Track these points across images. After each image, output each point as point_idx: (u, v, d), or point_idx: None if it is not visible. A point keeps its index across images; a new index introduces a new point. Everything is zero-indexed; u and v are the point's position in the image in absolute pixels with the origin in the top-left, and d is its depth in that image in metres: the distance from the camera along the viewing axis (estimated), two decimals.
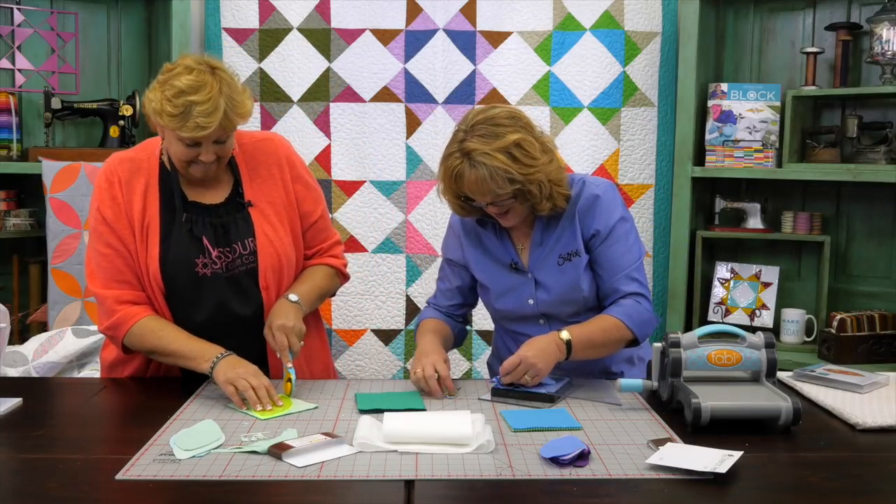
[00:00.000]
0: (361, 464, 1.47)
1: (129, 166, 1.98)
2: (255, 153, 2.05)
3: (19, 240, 3.32)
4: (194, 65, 1.84)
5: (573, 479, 1.42)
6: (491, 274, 2.09)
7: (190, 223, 1.95)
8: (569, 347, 1.88)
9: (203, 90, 1.80)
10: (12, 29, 3.29)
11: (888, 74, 3.05)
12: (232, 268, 1.97)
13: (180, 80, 1.80)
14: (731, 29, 3.44)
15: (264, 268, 1.98)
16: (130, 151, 2.05)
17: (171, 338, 1.92)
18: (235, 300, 1.98)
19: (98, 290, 1.96)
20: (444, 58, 3.35)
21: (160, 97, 1.81)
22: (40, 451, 1.55)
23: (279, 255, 2.00)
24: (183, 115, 1.79)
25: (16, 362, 2.67)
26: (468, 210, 2.03)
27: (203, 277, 1.95)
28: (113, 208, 1.95)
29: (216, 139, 1.87)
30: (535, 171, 1.89)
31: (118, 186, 1.96)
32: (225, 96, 1.82)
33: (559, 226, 2.02)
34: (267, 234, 2.00)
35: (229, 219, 1.99)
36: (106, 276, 1.95)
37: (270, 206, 2.03)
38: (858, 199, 3.29)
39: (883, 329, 3.06)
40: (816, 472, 1.47)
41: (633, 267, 2.00)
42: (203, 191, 2.00)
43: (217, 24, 3.37)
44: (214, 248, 1.95)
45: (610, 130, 3.39)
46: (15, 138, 3.21)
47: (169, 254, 1.94)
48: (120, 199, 1.95)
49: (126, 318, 1.93)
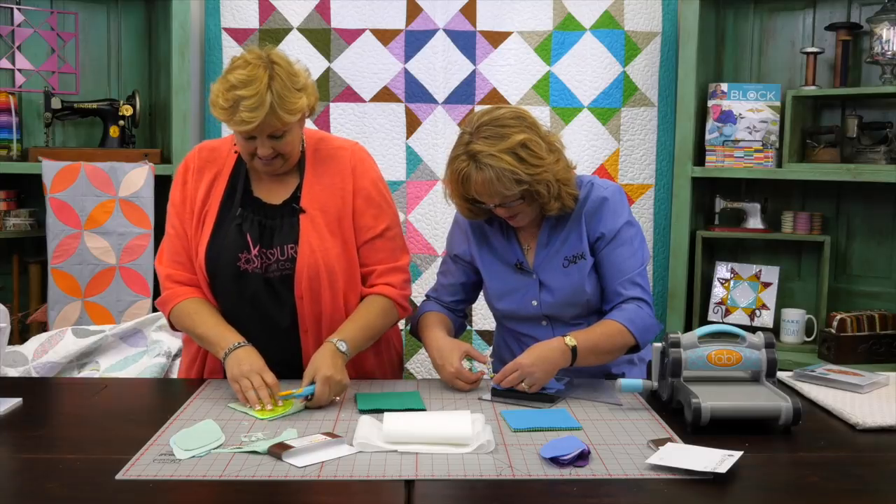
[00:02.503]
0: (361, 464, 1.47)
1: (208, 155, 2.05)
2: (327, 160, 2.04)
3: (19, 240, 3.32)
4: (253, 59, 1.85)
5: (573, 479, 1.42)
6: (495, 273, 2.08)
7: (241, 218, 1.97)
8: (574, 354, 1.88)
9: (252, 85, 1.81)
10: (12, 29, 3.29)
11: (888, 74, 3.05)
12: (268, 270, 1.97)
13: (234, 74, 1.83)
14: (731, 29, 3.44)
15: (300, 277, 1.95)
16: (217, 140, 2.12)
17: (201, 321, 1.95)
18: (271, 302, 1.97)
19: (158, 267, 2.05)
20: (444, 58, 3.35)
21: (217, 90, 1.86)
22: (40, 451, 1.55)
23: (319, 266, 1.95)
24: (231, 109, 1.82)
25: (16, 362, 2.67)
26: (477, 212, 2.02)
27: (244, 273, 1.96)
28: (182, 193, 2.03)
29: (270, 134, 1.87)
30: (542, 171, 1.88)
31: (191, 173, 2.03)
32: (274, 92, 1.82)
33: (566, 227, 2.02)
34: (311, 242, 1.96)
35: (278, 222, 1.99)
36: (167, 254, 2.03)
37: (323, 214, 1.99)
38: (858, 199, 3.29)
39: (883, 329, 3.06)
40: (816, 472, 1.47)
41: (636, 272, 1.99)
42: (269, 188, 2.02)
43: (217, 24, 3.37)
44: (255, 246, 1.96)
45: (610, 130, 3.39)
46: (15, 138, 3.21)
47: (215, 245, 1.97)
48: (189, 185, 2.03)
49: (172, 296, 2.00)
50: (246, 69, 1.83)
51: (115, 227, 3.12)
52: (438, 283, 2.21)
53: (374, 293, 2.02)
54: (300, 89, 1.88)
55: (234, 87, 1.81)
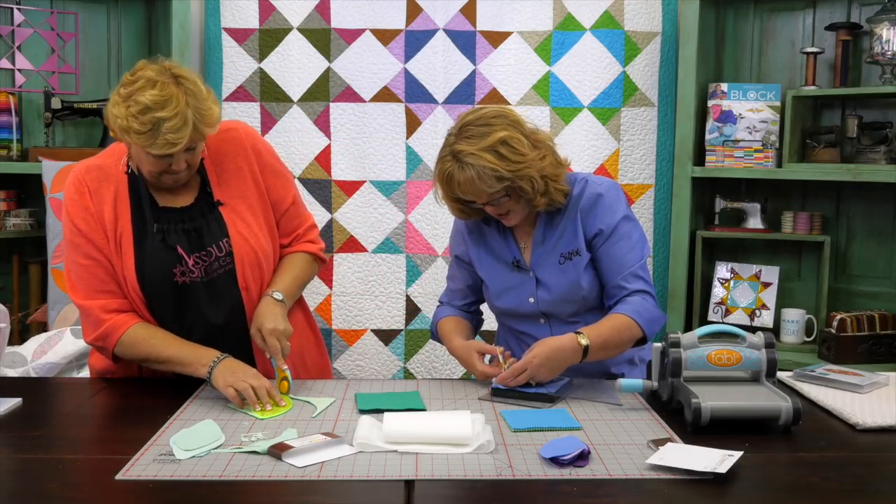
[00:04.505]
0: (361, 464, 1.47)
1: (98, 174, 1.94)
2: (220, 147, 1.98)
3: (19, 240, 3.32)
4: (156, 76, 1.76)
5: (573, 479, 1.42)
6: (492, 271, 2.09)
7: (162, 233, 1.90)
8: (585, 352, 1.88)
9: (169, 105, 1.73)
10: (12, 29, 3.29)
11: (888, 74, 3.05)
12: (210, 272, 1.93)
13: (144, 96, 1.73)
14: (731, 29, 3.44)
15: (242, 267, 1.94)
16: (97, 158, 1.99)
17: (165, 345, 1.89)
18: (214, 307, 1.94)
19: (82, 302, 1.92)
20: (444, 58, 3.35)
21: (125, 114, 1.74)
22: (40, 451, 1.55)
23: (256, 252, 1.96)
24: (151, 133, 1.73)
25: (15, 363, 2.67)
26: (468, 212, 2.04)
27: (183, 286, 1.92)
28: (86, 219, 1.91)
29: (187, 147, 1.82)
30: (523, 167, 1.89)
31: (88, 196, 1.91)
32: (192, 108, 1.76)
33: (561, 224, 2.02)
34: (241, 232, 1.95)
35: (201, 221, 1.94)
36: (88, 287, 1.91)
37: (242, 201, 1.98)
38: (858, 199, 3.29)
39: (883, 329, 3.06)
40: (816, 472, 1.47)
41: (637, 265, 1.99)
42: (172, 195, 1.95)
43: (217, 24, 3.37)
44: (189, 255, 1.91)
45: (610, 130, 3.39)
46: (15, 138, 3.21)
47: (145, 265, 1.89)
48: (91, 208, 1.91)
49: (115, 327, 1.90)
50: (156, 88, 1.74)
51: None
52: (448, 289, 2.23)
53: (295, 251, 2.08)
54: (209, 99, 1.82)
55: (150, 109, 1.72)
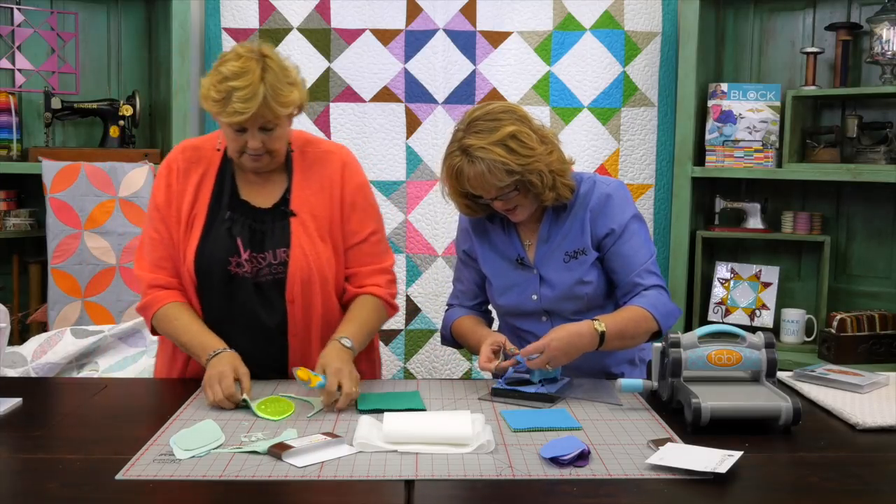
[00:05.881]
0: (361, 464, 1.47)
1: (191, 155, 2.01)
2: (315, 163, 2.03)
3: (19, 240, 3.32)
4: (244, 52, 1.85)
5: (573, 479, 1.42)
6: (496, 268, 2.09)
7: (230, 222, 1.96)
8: (602, 339, 1.88)
9: (245, 76, 1.81)
10: (12, 29, 3.29)
11: (888, 74, 3.05)
12: (259, 275, 1.95)
13: (226, 66, 1.83)
14: (731, 29, 3.44)
15: (293, 280, 1.95)
16: (198, 139, 2.08)
17: (184, 329, 1.93)
18: (259, 306, 1.96)
19: (138, 272, 2.01)
20: (444, 58, 3.35)
21: (208, 83, 1.85)
22: (40, 451, 1.55)
23: (311, 270, 1.96)
24: (224, 101, 1.82)
25: (15, 363, 2.67)
26: (475, 209, 2.04)
27: (235, 276, 1.95)
28: (167, 195, 1.99)
29: (261, 126, 1.87)
30: (532, 161, 1.90)
31: (175, 175, 1.99)
32: (267, 84, 1.82)
33: (567, 222, 2.03)
34: (303, 246, 1.96)
35: (269, 226, 1.97)
36: (148, 259, 2.00)
37: (314, 219, 1.99)
38: (858, 199, 3.29)
39: (883, 329, 3.06)
40: (816, 472, 1.47)
41: (649, 261, 2.01)
42: (256, 191, 2.00)
43: (217, 24, 3.37)
44: (246, 250, 1.95)
45: (610, 130, 3.39)
46: (15, 138, 3.21)
47: (205, 249, 1.95)
48: (174, 187, 1.99)
49: (154, 301, 1.97)
50: (238, 61, 1.83)
51: (115, 227, 3.12)
52: (456, 290, 2.23)
53: (364, 293, 2.02)
54: (292, 83, 1.89)
55: (227, 79, 1.81)
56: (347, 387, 1.76)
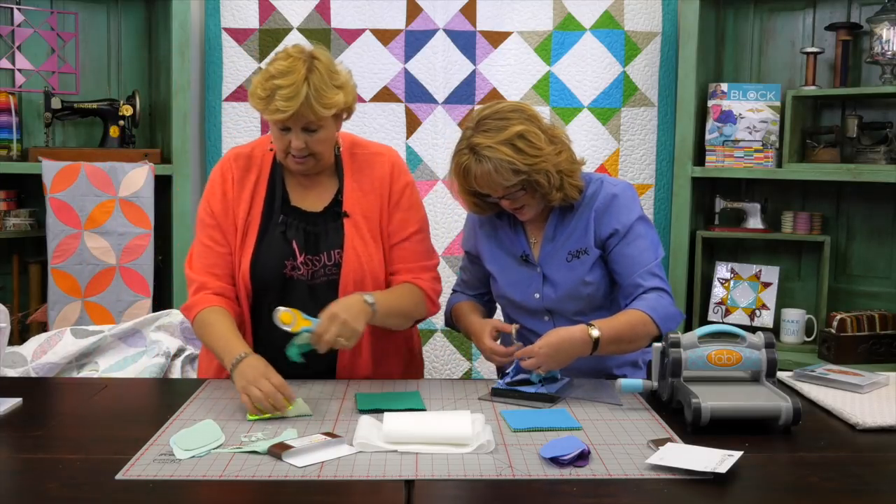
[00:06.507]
0: (361, 464, 1.47)
1: (245, 163, 2.04)
2: (364, 165, 2.06)
3: (19, 240, 3.32)
4: (294, 52, 1.88)
5: (573, 479, 1.42)
6: (501, 265, 2.10)
7: (284, 226, 1.98)
8: (595, 345, 1.87)
9: (289, 76, 1.83)
10: (12, 29, 3.28)
11: (888, 74, 3.05)
12: (315, 277, 1.98)
13: (274, 65, 1.87)
14: (731, 29, 3.44)
15: (346, 281, 1.97)
16: (247, 147, 2.10)
17: (215, 334, 1.91)
18: (315, 310, 1.92)
19: (189, 273, 2.02)
20: (444, 58, 3.35)
21: (256, 81, 1.88)
22: (40, 451, 1.55)
23: (364, 270, 1.98)
24: (268, 98, 1.84)
25: (15, 363, 2.66)
26: (483, 207, 2.05)
27: (290, 280, 1.97)
28: (223, 204, 2.01)
29: (304, 126, 1.89)
30: (540, 161, 1.90)
31: (231, 184, 2.02)
32: (311, 84, 1.84)
33: (573, 222, 2.03)
34: (356, 247, 1.99)
35: (322, 227, 2.00)
36: (200, 264, 2.01)
37: (365, 220, 2.02)
38: (858, 199, 3.29)
39: (883, 329, 3.06)
40: (816, 472, 1.47)
41: (653, 263, 1.99)
42: (307, 197, 2.02)
43: (217, 24, 3.37)
44: (302, 253, 1.97)
45: (610, 130, 3.39)
46: (15, 138, 3.21)
47: (261, 253, 1.97)
48: (230, 195, 2.01)
49: (197, 303, 1.97)
50: (286, 61, 1.86)
51: (115, 228, 3.12)
52: (460, 279, 2.26)
53: (407, 281, 2.04)
54: (338, 86, 1.91)
55: (273, 77, 1.84)
56: (332, 334, 1.76)
